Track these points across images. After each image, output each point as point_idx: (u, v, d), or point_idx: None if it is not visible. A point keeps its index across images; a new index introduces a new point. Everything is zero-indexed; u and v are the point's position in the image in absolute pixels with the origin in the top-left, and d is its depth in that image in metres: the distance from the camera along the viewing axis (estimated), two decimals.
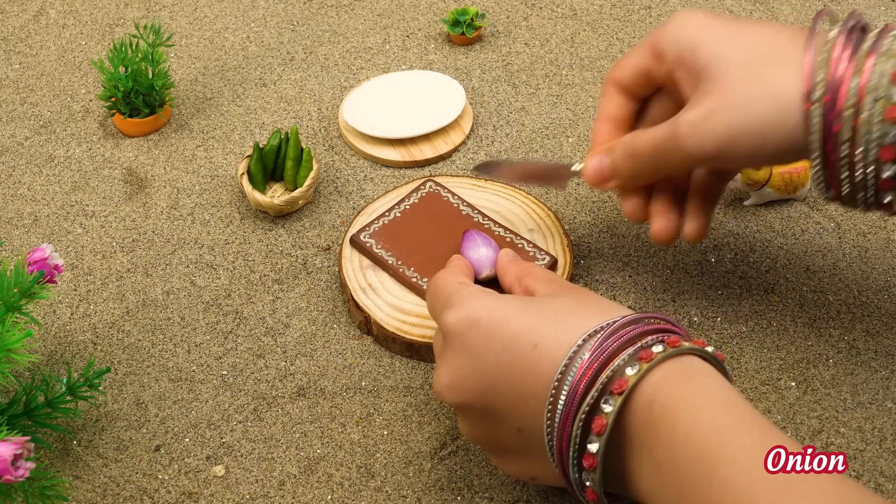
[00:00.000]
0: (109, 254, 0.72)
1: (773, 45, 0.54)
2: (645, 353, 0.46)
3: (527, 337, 0.49)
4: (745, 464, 0.41)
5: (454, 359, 0.51)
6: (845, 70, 0.51)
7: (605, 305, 0.50)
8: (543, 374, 0.48)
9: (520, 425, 0.50)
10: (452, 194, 0.72)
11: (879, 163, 0.51)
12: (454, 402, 0.52)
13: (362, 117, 0.80)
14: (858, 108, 0.50)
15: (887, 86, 0.49)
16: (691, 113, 0.54)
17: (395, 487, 0.58)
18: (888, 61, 0.49)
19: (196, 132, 0.82)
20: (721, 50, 0.54)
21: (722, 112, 0.53)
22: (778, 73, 0.53)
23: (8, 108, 0.85)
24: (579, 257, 0.71)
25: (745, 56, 0.54)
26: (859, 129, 0.50)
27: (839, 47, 0.51)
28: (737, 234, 0.72)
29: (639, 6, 0.94)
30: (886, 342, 0.65)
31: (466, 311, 0.51)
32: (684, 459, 0.43)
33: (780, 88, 0.52)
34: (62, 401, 0.58)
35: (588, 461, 0.46)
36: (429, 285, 0.57)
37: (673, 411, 0.44)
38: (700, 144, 0.54)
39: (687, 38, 0.56)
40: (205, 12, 0.95)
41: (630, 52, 0.61)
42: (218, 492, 0.58)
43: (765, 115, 0.52)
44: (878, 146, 0.50)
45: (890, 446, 0.60)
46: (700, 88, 0.55)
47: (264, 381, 0.64)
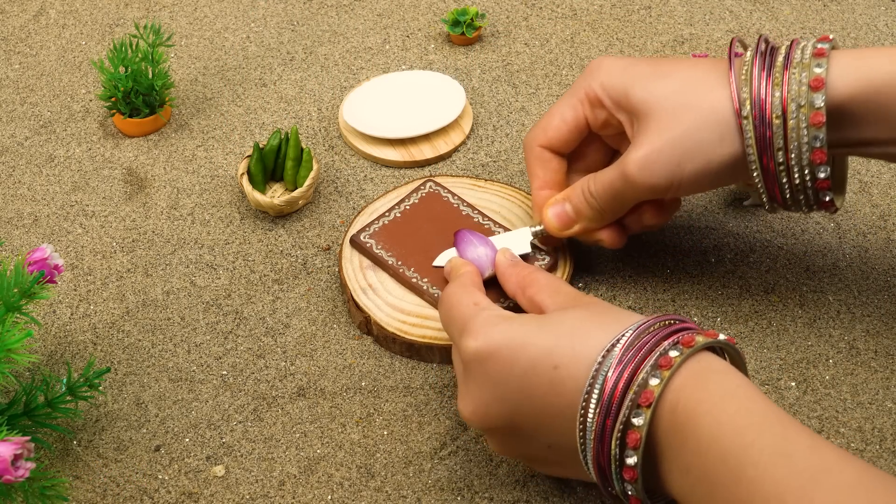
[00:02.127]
0: (109, 254, 0.72)
1: (695, 75, 0.58)
2: (664, 360, 0.47)
3: (546, 359, 0.49)
4: (770, 462, 0.42)
5: (476, 388, 0.52)
6: (766, 85, 0.55)
7: (615, 314, 0.51)
8: (567, 393, 0.49)
9: (549, 442, 0.51)
10: (452, 194, 0.72)
11: (813, 165, 0.55)
12: (481, 428, 0.53)
13: (362, 117, 0.80)
14: (785, 116, 0.54)
15: (807, 94, 0.54)
16: (637, 152, 0.58)
17: (395, 487, 0.58)
18: (802, 72, 0.54)
19: (196, 132, 0.82)
20: (650, 88, 0.58)
21: (665, 144, 0.57)
22: (707, 97, 0.57)
23: (8, 108, 0.85)
24: (579, 257, 0.71)
25: (674, 90, 0.57)
26: (789, 137, 0.54)
27: (756, 66, 0.56)
28: (737, 234, 0.72)
29: (639, 6, 0.94)
30: (886, 342, 0.65)
31: (485, 341, 0.51)
32: (712, 462, 0.44)
33: (713, 110, 0.56)
34: (62, 401, 0.58)
35: (628, 474, 0.47)
36: (442, 301, 0.57)
37: (696, 415, 0.45)
38: (650, 179, 0.57)
39: (617, 83, 0.60)
40: (205, 12, 0.95)
41: (556, 112, 0.63)
42: (218, 492, 0.58)
43: (704, 138, 0.56)
44: (809, 150, 0.54)
45: (890, 446, 0.60)
46: (640, 126, 0.58)
47: (264, 381, 0.64)
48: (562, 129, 0.63)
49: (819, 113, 0.53)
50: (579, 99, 0.62)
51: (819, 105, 0.53)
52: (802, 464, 0.42)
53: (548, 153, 0.65)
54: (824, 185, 0.56)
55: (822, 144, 0.54)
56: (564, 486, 0.58)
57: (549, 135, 0.64)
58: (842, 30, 0.91)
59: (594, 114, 0.62)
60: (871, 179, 0.76)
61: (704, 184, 0.59)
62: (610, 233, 0.64)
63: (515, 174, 0.77)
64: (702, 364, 0.47)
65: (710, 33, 0.90)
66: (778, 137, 0.55)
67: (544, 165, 0.65)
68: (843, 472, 0.41)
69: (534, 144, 0.65)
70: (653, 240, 0.72)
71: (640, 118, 0.58)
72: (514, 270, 0.60)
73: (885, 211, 0.74)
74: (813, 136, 0.54)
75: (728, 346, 0.49)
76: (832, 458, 0.42)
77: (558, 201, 0.64)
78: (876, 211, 0.74)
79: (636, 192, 0.59)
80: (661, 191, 0.58)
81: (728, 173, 0.58)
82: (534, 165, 0.65)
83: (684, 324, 0.50)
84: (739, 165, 0.57)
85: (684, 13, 0.93)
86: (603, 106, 0.61)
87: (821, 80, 0.53)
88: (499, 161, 0.79)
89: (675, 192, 0.59)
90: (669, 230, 0.73)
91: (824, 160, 0.55)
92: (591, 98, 0.62)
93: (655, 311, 0.67)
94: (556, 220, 0.64)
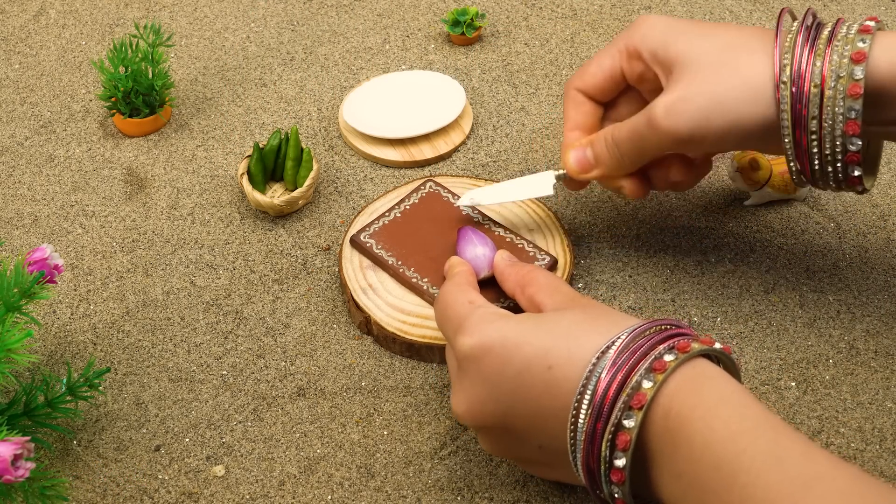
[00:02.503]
0: (109, 254, 0.72)
1: (740, 37, 0.58)
2: (658, 364, 0.47)
3: (541, 359, 0.49)
4: (762, 469, 0.42)
5: (471, 386, 0.52)
6: (808, 55, 0.55)
7: (612, 316, 0.51)
8: (561, 394, 0.49)
9: (541, 443, 0.51)
10: (452, 194, 0.72)
11: (846, 137, 0.55)
12: (473, 426, 0.53)
13: (362, 117, 0.80)
14: (822, 87, 0.54)
15: (847, 65, 0.54)
16: (666, 97, 0.58)
17: (395, 487, 0.58)
18: (846, 46, 0.54)
19: (196, 132, 0.82)
20: (692, 43, 0.58)
21: (695, 94, 0.57)
22: (747, 59, 0.57)
23: (8, 108, 0.85)
24: (579, 257, 0.71)
25: (714, 47, 0.58)
26: (825, 106, 0.55)
27: (801, 37, 0.56)
28: (737, 234, 0.72)
29: (639, 6, 0.94)
30: (886, 342, 0.65)
31: (479, 338, 0.51)
32: (704, 468, 0.44)
33: (752, 72, 0.56)
34: (62, 401, 0.58)
35: (616, 476, 0.47)
36: (437, 301, 0.57)
37: (689, 420, 0.45)
38: (675, 125, 0.57)
39: (659, 37, 0.60)
40: (205, 12, 0.95)
41: (595, 59, 0.64)
42: (218, 492, 0.58)
43: (737, 96, 0.56)
44: (843, 121, 0.54)
45: (890, 446, 0.60)
46: (673, 77, 0.58)
47: (264, 381, 0.64)
48: (597, 75, 0.64)
49: (857, 84, 0.53)
50: (619, 49, 0.63)
51: (858, 77, 0.53)
52: (795, 470, 0.42)
53: (581, 96, 0.65)
54: (854, 159, 0.56)
55: (856, 116, 0.54)
56: (564, 486, 0.58)
57: (585, 79, 0.64)
58: None
59: (630, 65, 0.62)
60: None
61: (729, 143, 0.58)
62: (631, 183, 0.64)
63: (515, 174, 0.77)
64: (696, 370, 0.47)
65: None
66: (814, 106, 0.55)
67: (577, 108, 0.65)
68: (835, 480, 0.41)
69: (570, 87, 0.65)
70: (653, 240, 0.72)
71: (676, 70, 0.58)
72: (513, 269, 0.60)
73: (885, 211, 0.74)
74: (849, 108, 0.54)
75: (723, 355, 0.49)
76: (825, 465, 0.42)
77: (582, 145, 0.64)
78: (876, 211, 0.74)
79: (659, 138, 0.58)
80: (684, 141, 0.58)
81: (756, 137, 0.57)
82: (567, 106, 0.66)
83: (680, 329, 0.50)
84: (770, 131, 0.57)
85: (684, 13, 0.93)
86: (641, 58, 0.61)
87: (863, 53, 0.54)
88: (499, 161, 0.79)
89: (698, 147, 0.58)
90: (669, 230, 0.73)
91: (857, 132, 0.54)
92: (629, 50, 0.62)
93: (655, 311, 0.67)
94: (575, 164, 0.64)
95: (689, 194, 0.76)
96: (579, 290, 0.68)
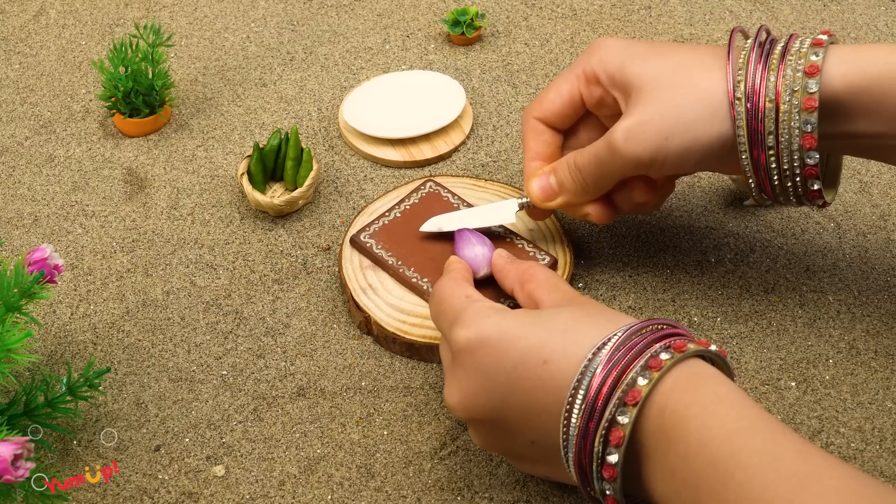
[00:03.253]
0: (109, 254, 0.72)
1: (694, 56, 0.58)
2: (654, 362, 0.47)
3: (537, 354, 0.49)
4: (759, 467, 0.42)
5: (465, 377, 0.52)
6: (762, 70, 0.55)
7: (610, 315, 0.51)
8: (555, 389, 0.49)
9: (533, 438, 0.51)
10: (452, 194, 0.72)
11: (803, 151, 0.55)
12: (466, 419, 0.53)
13: (362, 117, 0.80)
14: (777, 102, 0.54)
15: (801, 79, 0.54)
16: (625, 122, 0.58)
17: (395, 487, 0.58)
18: (799, 60, 0.55)
19: (196, 132, 0.82)
20: (647, 65, 0.58)
21: (652, 115, 0.57)
22: (702, 77, 0.57)
23: (8, 108, 0.85)
24: (579, 257, 0.71)
25: (669, 67, 0.58)
26: (781, 120, 0.55)
27: (754, 53, 0.56)
28: (737, 234, 0.72)
29: (639, 6, 0.94)
30: (886, 342, 0.65)
31: (476, 331, 0.51)
32: (699, 466, 0.44)
33: (707, 89, 0.56)
34: (62, 401, 0.58)
35: (608, 472, 0.47)
36: (433, 295, 0.57)
37: (684, 418, 0.45)
38: (635, 149, 0.57)
39: (615, 60, 0.60)
40: (205, 12, 0.95)
41: (553, 86, 0.64)
42: (218, 492, 0.58)
43: (694, 115, 0.56)
44: (799, 135, 0.55)
45: (890, 446, 0.60)
46: (631, 100, 0.58)
47: (264, 381, 0.64)
48: (556, 102, 0.63)
49: (812, 98, 0.54)
50: (576, 75, 0.63)
51: (812, 90, 0.54)
52: (791, 469, 0.42)
53: (541, 125, 0.65)
54: (813, 173, 0.56)
55: (812, 129, 0.54)
56: (564, 486, 0.58)
57: (544, 107, 0.64)
58: (842, 30, 0.91)
59: (589, 90, 0.62)
60: (871, 179, 0.76)
61: (690, 163, 0.58)
62: (597, 208, 0.64)
63: (515, 174, 0.77)
64: (692, 369, 0.47)
65: (710, 33, 0.90)
66: (769, 121, 0.55)
67: (537, 137, 0.65)
68: (832, 479, 0.41)
69: (529, 116, 0.65)
70: (653, 240, 0.72)
71: (634, 93, 0.58)
72: (512, 266, 0.60)
73: (885, 211, 0.74)
74: (804, 121, 0.54)
75: (718, 358, 0.49)
76: (822, 464, 0.42)
77: (544, 173, 0.64)
78: (876, 211, 0.74)
79: (621, 163, 0.58)
80: (646, 164, 0.58)
81: (715, 155, 0.57)
82: (527, 136, 0.65)
83: (676, 329, 0.50)
84: (728, 148, 0.57)
85: (684, 13, 0.93)
86: (599, 83, 0.61)
87: (816, 66, 0.54)
88: (499, 161, 0.79)
89: (660, 168, 0.58)
90: (669, 230, 0.73)
91: (814, 146, 0.55)
92: (587, 74, 0.62)
93: (655, 311, 0.67)
94: (539, 192, 0.64)
95: (688, 194, 0.76)
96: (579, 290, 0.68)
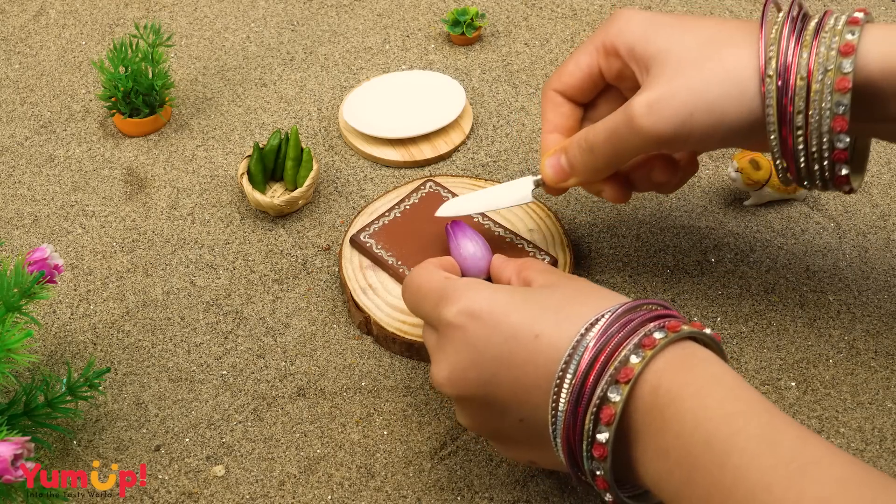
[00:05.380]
0: (109, 254, 0.72)
1: (723, 31, 0.55)
2: (647, 340, 0.46)
3: (529, 327, 0.49)
4: (757, 451, 0.41)
5: (454, 352, 0.50)
6: (794, 47, 0.53)
7: (604, 293, 0.51)
8: (546, 363, 0.48)
9: (522, 416, 0.50)
10: (452, 194, 0.72)
11: (832, 133, 0.52)
12: (454, 395, 0.51)
13: (362, 117, 0.80)
14: (809, 79, 0.52)
15: (836, 58, 0.51)
16: (646, 94, 0.54)
17: (395, 487, 0.58)
18: (834, 37, 0.52)
19: (196, 132, 0.82)
20: (672, 38, 0.55)
21: (677, 91, 0.54)
22: (732, 52, 0.54)
23: (8, 108, 0.85)
24: (579, 257, 0.71)
25: (696, 42, 0.55)
26: (812, 100, 0.52)
27: (787, 28, 0.53)
28: (737, 234, 0.72)
29: (638, 6, 0.94)
30: (886, 342, 0.65)
31: (467, 303, 0.50)
32: (694, 446, 0.43)
33: (736, 65, 0.54)
34: (62, 401, 0.58)
35: (598, 451, 0.46)
36: (406, 286, 0.56)
37: (679, 398, 0.44)
38: (656, 124, 0.54)
39: (637, 31, 0.57)
40: (205, 12, 0.95)
41: (572, 58, 0.61)
42: (218, 492, 0.58)
43: (722, 91, 0.53)
44: (830, 116, 0.52)
45: (890, 446, 0.60)
46: (652, 73, 0.55)
47: (264, 381, 0.64)
48: (575, 74, 0.61)
49: (846, 78, 0.51)
50: (595, 46, 0.60)
51: (847, 70, 0.51)
52: (791, 454, 0.41)
53: (560, 98, 0.63)
54: (842, 157, 0.53)
55: (844, 111, 0.52)
56: (564, 486, 0.58)
57: (563, 79, 0.62)
58: None
59: (608, 62, 0.60)
60: (871, 179, 0.76)
61: (714, 140, 0.55)
62: (611, 187, 0.62)
63: (515, 174, 0.77)
64: (686, 350, 0.46)
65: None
66: (799, 99, 0.52)
67: (555, 109, 0.63)
68: (832, 466, 0.41)
69: (548, 88, 0.63)
70: (653, 240, 0.72)
71: (656, 66, 0.55)
72: (510, 261, 0.59)
73: (885, 211, 0.74)
74: (836, 102, 0.51)
75: (712, 341, 0.48)
76: (821, 451, 0.41)
77: (556, 151, 0.61)
78: (876, 211, 0.74)
79: (640, 139, 0.55)
80: (666, 141, 0.54)
81: (742, 134, 0.55)
82: (546, 108, 0.63)
83: (669, 312, 0.49)
84: (756, 127, 0.54)
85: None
86: (618, 55, 0.59)
87: (851, 45, 0.51)
88: (499, 161, 0.79)
89: (682, 145, 0.56)
90: (669, 230, 0.73)
91: (845, 128, 0.52)
92: (606, 46, 0.59)
93: None
94: (551, 172, 0.61)
95: (689, 194, 0.76)
96: None
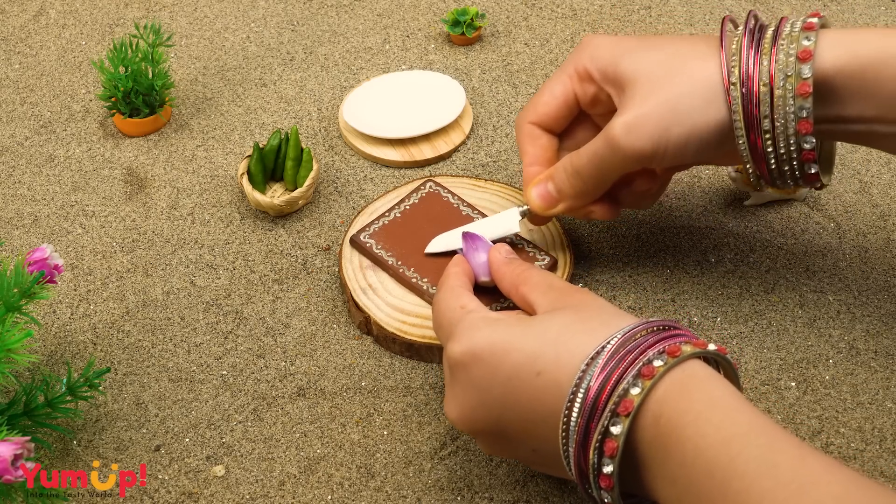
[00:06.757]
0: (109, 254, 0.72)
1: (687, 46, 0.58)
2: (647, 370, 0.46)
3: (530, 366, 0.49)
4: (756, 474, 0.42)
5: (462, 392, 0.52)
6: (754, 56, 0.55)
7: (604, 317, 0.51)
8: (550, 401, 0.48)
9: (534, 447, 0.51)
10: (452, 194, 0.72)
11: (799, 136, 0.55)
12: (467, 431, 0.53)
13: (362, 117, 0.80)
14: (772, 86, 0.54)
15: (795, 64, 0.54)
16: (623, 116, 0.57)
17: (395, 487, 0.58)
18: (791, 44, 0.55)
19: (196, 132, 0.82)
20: (641, 58, 0.58)
21: (653, 108, 0.56)
22: (698, 64, 0.57)
23: (8, 108, 0.85)
24: (579, 257, 0.71)
25: (663, 58, 0.58)
26: (776, 105, 0.55)
27: (745, 38, 0.56)
28: (737, 234, 0.72)
29: (639, 6, 0.94)
30: (886, 342, 0.65)
31: (468, 345, 0.51)
32: (697, 475, 0.44)
33: (702, 76, 0.56)
34: (62, 401, 0.58)
35: (605, 482, 0.47)
36: (433, 307, 0.57)
37: (679, 426, 0.45)
38: (635, 143, 0.56)
39: (607, 55, 0.60)
40: (205, 12, 0.95)
41: (546, 88, 0.63)
42: (218, 492, 0.58)
43: (692, 103, 0.56)
44: (795, 120, 0.55)
45: (890, 446, 0.60)
46: (626, 94, 0.58)
47: (264, 381, 0.64)
48: (550, 104, 0.63)
49: (806, 83, 0.54)
50: (568, 74, 0.62)
51: (806, 75, 0.54)
52: (789, 475, 0.41)
53: (537, 130, 0.64)
54: (810, 157, 0.56)
55: (808, 115, 0.54)
56: (564, 486, 0.58)
57: (539, 111, 0.63)
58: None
59: (583, 88, 0.62)
60: (871, 179, 0.76)
61: (689, 152, 0.58)
62: (601, 207, 0.63)
63: (515, 174, 0.77)
64: (686, 372, 0.46)
65: (710, 33, 0.90)
66: (764, 105, 0.55)
67: (533, 142, 0.64)
68: (830, 485, 0.41)
69: (524, 121, 0.64)
70: (653, 240, 0.72)
71: (628, 87, 0.58)
72: (508, 269, 0.59)
73: (885, 211, 0.74)
74: (799, 107, 0.54)
75: (719, 356, 0.49)
76: (819, 469, 0.42)
77: (542, 180, 0.63)
78: (876, 211, 0.74)
79: (622, 158, 0.57)
80: (647, 157, 0.57)
81: (714, 143, 0.57)
82: (523, 142, 0.64)
83: (674, 330, 0.49)
84: (726, 134, 0.57)
85: (684, 13, 0.93)
86: (592, 80, 0.61)
87: (808, 51, 0.54)
88: (499, 161, 0.79)
89: (660, 161, 0.58)
90: (669, 230, 0.73)
91: (810, 131, 0.55)
92: (580, 73, 0.61)
93: (655, 311, 0.67)
94: (539, 200, 0.63)
95: (688, 194, 0.76)
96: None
